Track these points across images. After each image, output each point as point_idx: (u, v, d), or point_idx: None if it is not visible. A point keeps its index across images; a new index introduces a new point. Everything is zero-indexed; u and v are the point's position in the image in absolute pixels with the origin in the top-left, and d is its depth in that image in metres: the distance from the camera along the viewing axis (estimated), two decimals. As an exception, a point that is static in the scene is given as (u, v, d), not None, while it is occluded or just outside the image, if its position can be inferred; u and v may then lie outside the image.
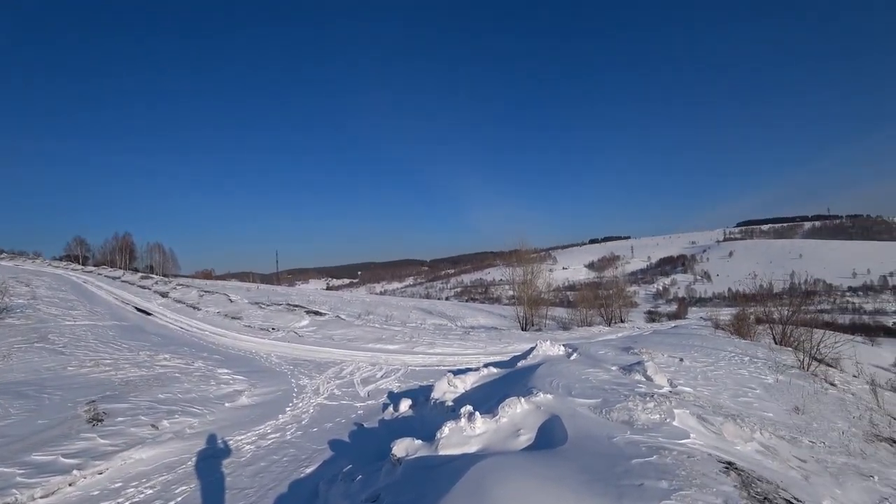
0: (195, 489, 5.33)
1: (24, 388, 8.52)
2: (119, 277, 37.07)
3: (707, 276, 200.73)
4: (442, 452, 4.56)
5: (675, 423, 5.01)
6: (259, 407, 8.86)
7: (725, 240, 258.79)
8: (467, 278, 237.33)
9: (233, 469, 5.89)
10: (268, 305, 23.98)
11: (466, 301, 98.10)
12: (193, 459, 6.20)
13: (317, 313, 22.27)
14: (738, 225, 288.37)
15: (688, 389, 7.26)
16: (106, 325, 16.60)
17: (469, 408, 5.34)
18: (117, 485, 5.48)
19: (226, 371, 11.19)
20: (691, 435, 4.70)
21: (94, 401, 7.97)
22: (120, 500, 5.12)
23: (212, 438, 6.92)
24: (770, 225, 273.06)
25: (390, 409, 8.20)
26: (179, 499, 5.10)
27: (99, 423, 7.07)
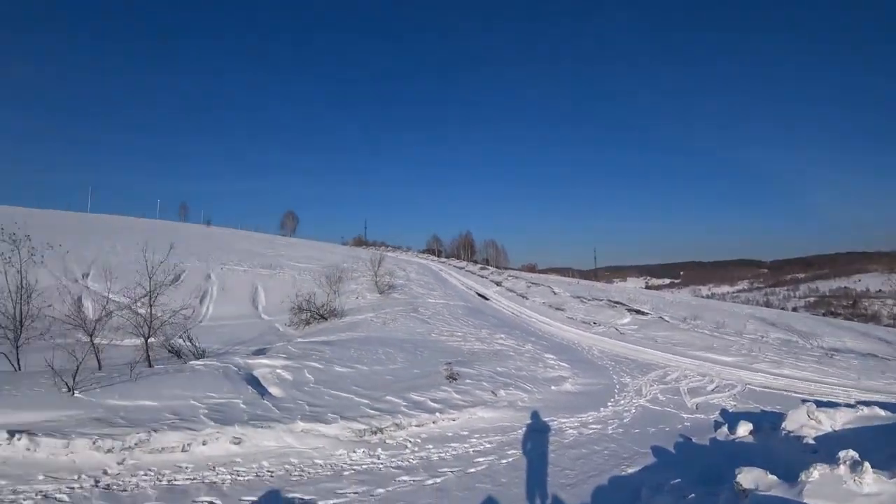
0: (523, 455, 5.84)
1: (405, 345, 11.22)
2: (463, 268, 44.83)
3: None
4: (808, 501, 3.57)
5: None
6: (581, 396, 9.09)
7: None
8: (824, 286, 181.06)
9: (556, 448, 6.18)
10: (589, 300, 24.50)
11: (824, 315, 75.48)
12: (523, 429, 6.83)
13: (638, 312, 21.43)
14: None
15: None
16: (455, 305, 20.23)
17: (853, 454, 4.00)
18: (465, 433, 6.61)
19: (551, 356, 11.94)
20: None
21: (450, 363, 9.77)
22: (466, 445, 6.12)
23: (538, 415, 7.46)
24: None
25: (724, 428, 7.01)
26: (510, 459, 5.69)
27: (454, 381, 8.62)
